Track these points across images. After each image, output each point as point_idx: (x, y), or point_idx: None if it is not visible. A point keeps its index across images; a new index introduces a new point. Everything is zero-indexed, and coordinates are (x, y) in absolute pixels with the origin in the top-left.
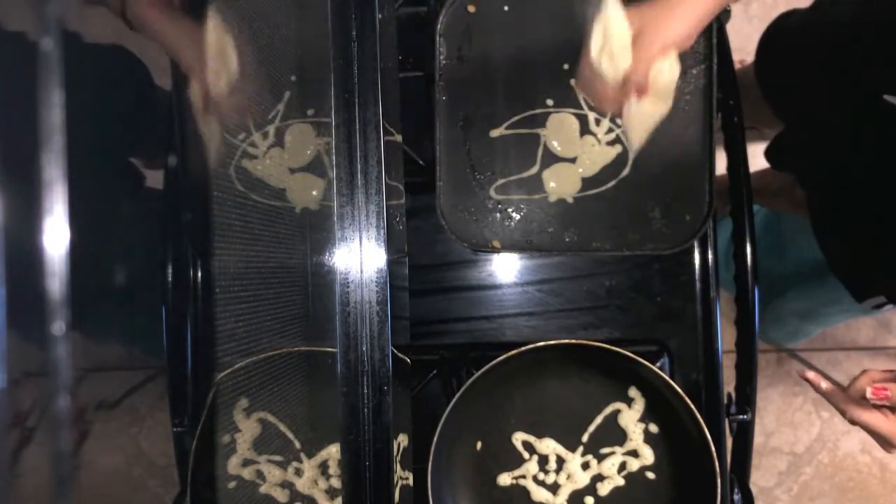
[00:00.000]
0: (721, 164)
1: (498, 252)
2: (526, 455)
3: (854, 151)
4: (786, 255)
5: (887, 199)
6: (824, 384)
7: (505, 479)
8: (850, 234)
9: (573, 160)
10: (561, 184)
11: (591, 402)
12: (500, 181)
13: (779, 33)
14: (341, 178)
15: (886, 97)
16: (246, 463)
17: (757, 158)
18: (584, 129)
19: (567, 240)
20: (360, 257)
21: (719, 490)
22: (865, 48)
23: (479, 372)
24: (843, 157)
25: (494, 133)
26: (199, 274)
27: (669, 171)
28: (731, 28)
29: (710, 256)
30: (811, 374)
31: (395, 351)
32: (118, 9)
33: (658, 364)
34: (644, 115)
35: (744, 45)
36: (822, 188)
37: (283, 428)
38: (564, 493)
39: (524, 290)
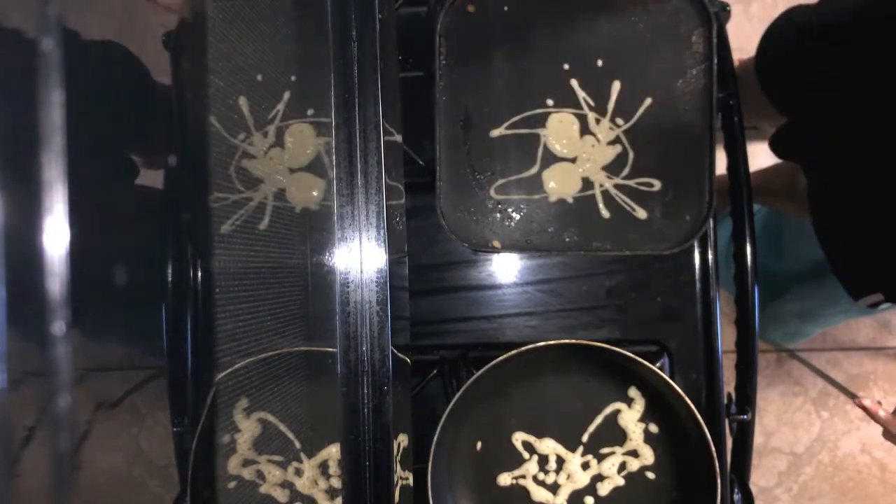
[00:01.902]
0: (721, 164)
1: (498, 252)
2: (526, 455)
3: (857, 146)
4: (785, 255)
5: (889, 195)
6: (882, 412)
7: (505, 479)
8: (850, 229)
9: (573, 160)
10: (561, 184)
11: (591, 402)
12: (500, 181)
13: (783, 27)
14: (341, 178)
15: None
16: (246, 463)
17: (757, 158)
18: (584, 129)
19: (567, 240)
20: (360, 257)
21: (719, 490)
22: (866, 46)
23: (479, 372)
24: (846, 150)
25: (494, 133)
26: (199, 274)
27: (669, 170)
28: (731, 28)
29: (710, 256)
30: (868, 403)
31: (395, 351)
32: None
33: (658, 364)
34: None
35: (744, 45)
36: (824, 179)
37: (283, 428)
38: (564, 493)
39: (524, 290)
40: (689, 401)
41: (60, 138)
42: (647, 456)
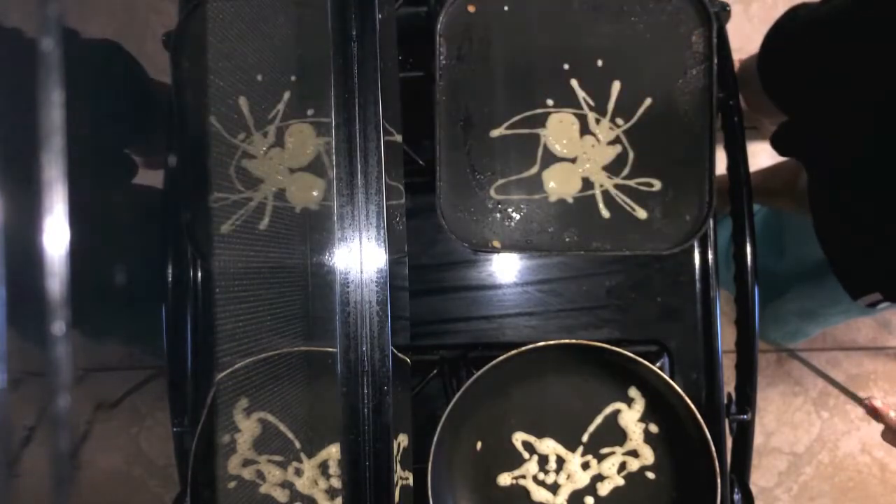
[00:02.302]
0: (721, 164)
1: (498, 252)
2: (526, 455)
3: (856, 144)
4: (786, 255)
5: (889, 193)
6: (893, 413)
7: (505, 479)
8: (850, 228)
9: (573, 160)
10: (561, 184)
11: (591, 402)
12: (500, 181)
13: (786, 24)
14: (341, 178)
15: None
16: (246, 463)
17: (757, 158)
18: (584, 129)
19: (567, 240)
20: (360, 257)
21: (719, 490)
22: (864, 44)
23: (479, 372)
24: (846, 148)
25: (494, 133)
26: (199, 274)
27: (669, 170)
28: (731, 28)
29: (710, 256)
30: (879, 404)
31: (395, 351)
32: None
33: (658, 364)
34: None
35: (744, 45)
36: (825, 177)
37: (283, 428)
38: (564, 493)
39: (524, 290)
40: (689, 401)
41: (60, 138)
42: (647, 456)
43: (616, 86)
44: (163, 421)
